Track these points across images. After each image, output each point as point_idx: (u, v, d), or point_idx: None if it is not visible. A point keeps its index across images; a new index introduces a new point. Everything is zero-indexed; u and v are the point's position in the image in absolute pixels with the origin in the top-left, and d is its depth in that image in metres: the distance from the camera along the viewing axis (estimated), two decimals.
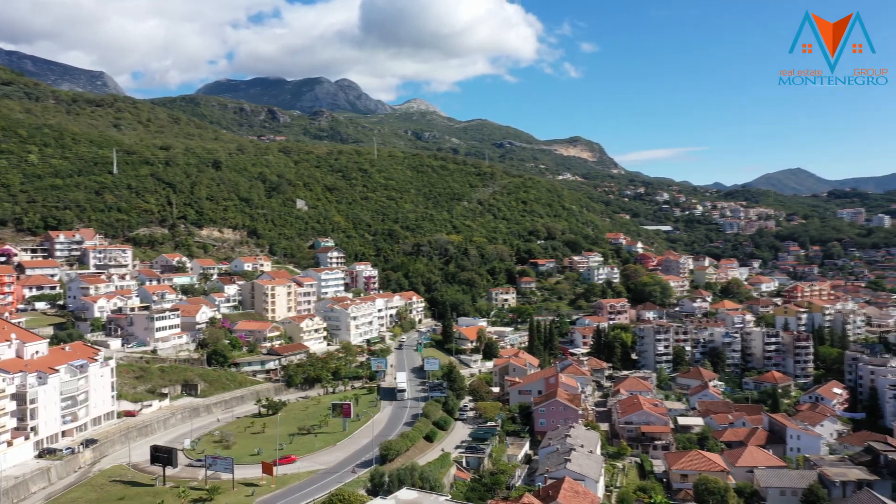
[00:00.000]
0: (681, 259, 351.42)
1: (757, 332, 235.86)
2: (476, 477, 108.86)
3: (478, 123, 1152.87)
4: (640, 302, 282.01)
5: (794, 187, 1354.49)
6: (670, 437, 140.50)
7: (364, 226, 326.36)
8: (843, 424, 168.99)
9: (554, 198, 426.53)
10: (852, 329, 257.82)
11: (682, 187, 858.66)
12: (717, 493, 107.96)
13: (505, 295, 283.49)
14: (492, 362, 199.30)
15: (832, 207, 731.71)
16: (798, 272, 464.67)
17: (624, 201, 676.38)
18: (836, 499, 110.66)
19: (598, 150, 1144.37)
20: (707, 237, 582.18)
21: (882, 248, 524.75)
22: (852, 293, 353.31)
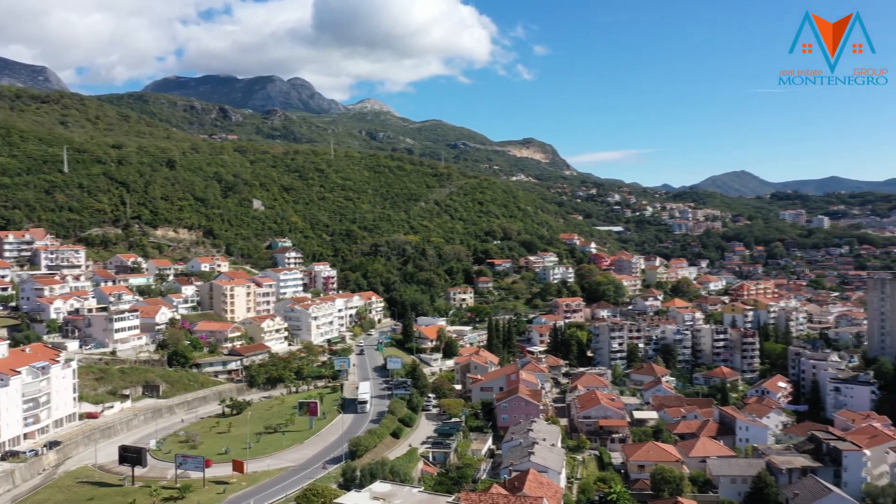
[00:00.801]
0: (633, 259, 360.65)
1: (706, 330, 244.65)
2: (443, 471, 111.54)
3: (432, 124, 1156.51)
4: (595, 301, 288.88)
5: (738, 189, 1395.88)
6: (627, 431, 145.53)
7: (321, 226, 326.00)
8: (787, 416, 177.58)
9: (509, 199, 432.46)
10: (795, 326, 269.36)
11: (633, 189, 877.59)
12: (672, 482, 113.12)
13: (463, 294, 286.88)
14: (451, 361, 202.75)
15: (775, 209, 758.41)
16: (743, 271, 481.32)
17: (577, 202, 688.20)
18: (782, 485, 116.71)
19: (550, 151, 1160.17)
20: (657, 238, 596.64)
21: (822, 248, 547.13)
22: (795, 291, 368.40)
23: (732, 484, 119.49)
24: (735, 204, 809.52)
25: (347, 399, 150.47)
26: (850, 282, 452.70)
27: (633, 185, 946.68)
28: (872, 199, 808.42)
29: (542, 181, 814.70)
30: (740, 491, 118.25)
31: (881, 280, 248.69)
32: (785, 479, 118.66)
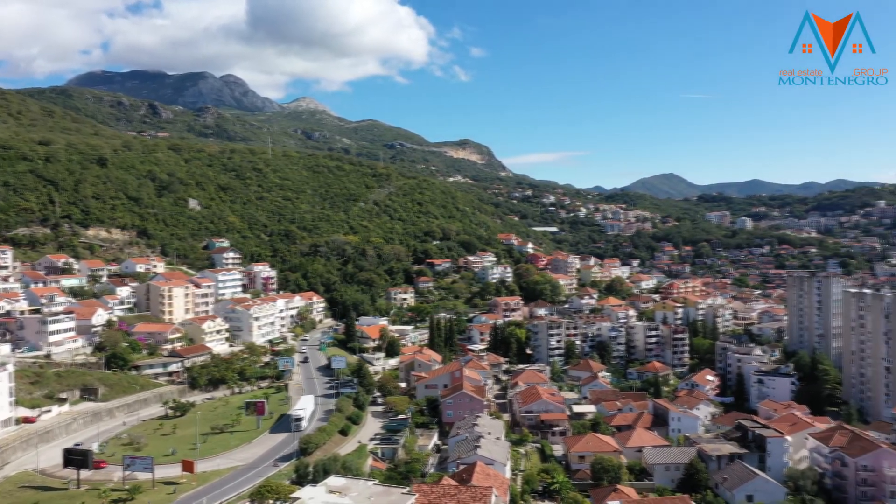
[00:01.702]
0: (568, 259, 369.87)
1: (639, 326, 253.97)
2: (391, 466, 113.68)
3: (369, 124, 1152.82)
4: (533, 299, 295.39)
5: (667, 191, 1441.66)
6: (567, 424, 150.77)
7: (260, 226, 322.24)
8: (715, 407, 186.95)
9: (448, 199, 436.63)
10: (721, 322, 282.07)
11: (567, 190, 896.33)
12: (611, 470, 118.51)
13: (403, 294, 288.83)
14: (394, 360, 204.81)
15: (701, 210, 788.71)
16: (672, 270, 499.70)
17: (513, 203, 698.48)
18: (712, 471, 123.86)
19: (486, 152, 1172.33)
20: (590, 238, 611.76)
21: (745, 248, 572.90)
22: (720, 289, 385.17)
23: (667, 471, 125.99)
24: (664, 205, 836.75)
25: (287, 415, 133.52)
26: (771, 280, 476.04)
27: (566, 186, 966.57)
28: (791, 201, 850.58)
29: (478, 182, 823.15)
30: (674, 477, 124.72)
31: (800, 278, 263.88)
32: (714, 466, 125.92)
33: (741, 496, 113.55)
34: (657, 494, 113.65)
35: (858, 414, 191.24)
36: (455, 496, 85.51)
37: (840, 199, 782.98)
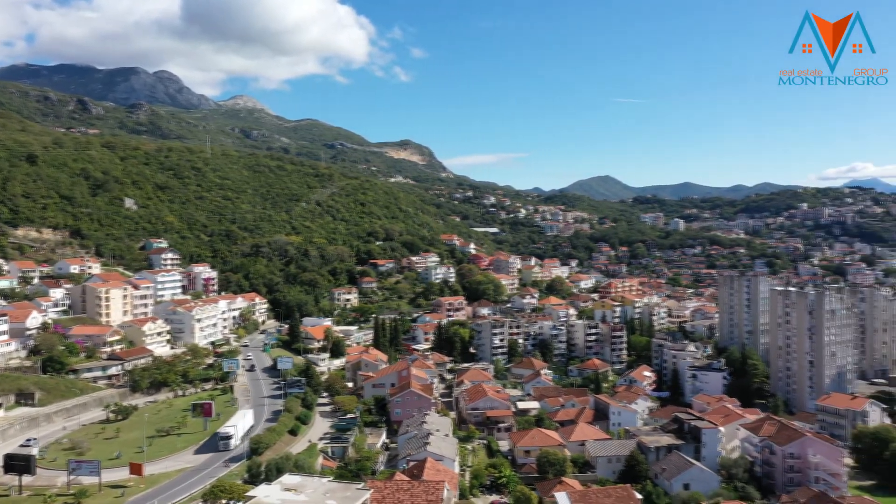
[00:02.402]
0: (510, 259, 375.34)
1: (579, 325, 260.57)
2: (342, 464, 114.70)
3: (308, 123, 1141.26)
4: (476, 299, 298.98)
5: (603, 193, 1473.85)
6: (512, 420, 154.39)
7: (199, 226, 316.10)
8: (652, 402, 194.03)
9: (391, 200, 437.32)
10: (657, 320, 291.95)
11: (507, 191, 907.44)
12: (556, 464, 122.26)
13: (347, 295, 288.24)
14: (339, 360, 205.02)
15: (637, 212, 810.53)
16: (610, 270, 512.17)
17: (454, 204, 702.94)
18: (651, 462, 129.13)
19: (427, 153, 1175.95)
20: (530, 239, 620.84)
21: (678, 248, 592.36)
22: (656, 289, 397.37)
23: (608, 463, 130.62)
24: (601, 207, 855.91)
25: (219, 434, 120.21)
26: (703, 279, 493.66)
27: (506, 187, 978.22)
28: (720, 203, 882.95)
29: (419, 183, 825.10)
30: (615, 469, 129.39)
31: (730, 277, 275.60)
32: (653, 457, 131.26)
33: (678, 485, 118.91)
34: (600, 485, 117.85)
35: (785, 405, 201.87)
36: (408, 491, 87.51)
37: (766, 202, 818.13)
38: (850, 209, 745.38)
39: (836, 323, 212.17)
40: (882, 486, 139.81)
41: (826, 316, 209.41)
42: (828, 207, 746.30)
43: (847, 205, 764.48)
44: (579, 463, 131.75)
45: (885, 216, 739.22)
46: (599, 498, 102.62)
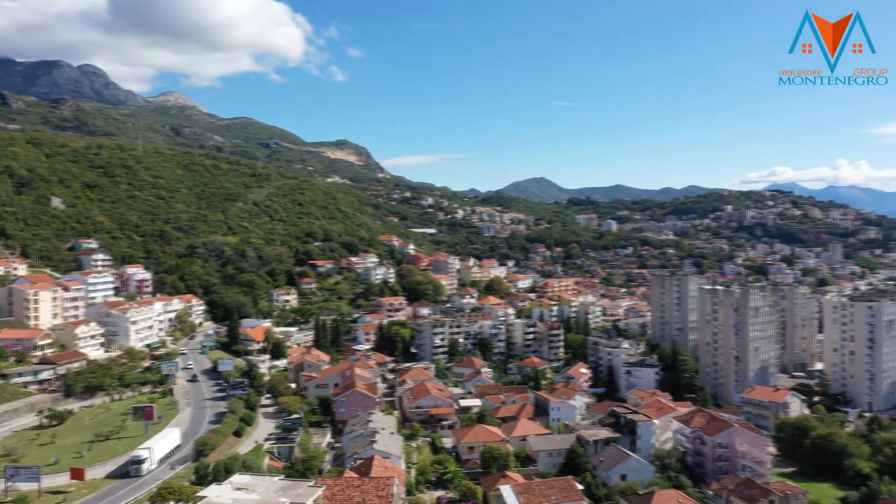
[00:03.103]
0: (449, 259, 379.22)
1: (518, 324, 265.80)
2: (288, 464, 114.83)
3: (242, 122, 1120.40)
4: (416, 299, 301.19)
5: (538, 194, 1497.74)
6: (455, 418, 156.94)
7: (131, 226, 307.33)
8: (589, 398, 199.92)
9: (329, 200, 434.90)
10: (592, 318, 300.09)
11: (444, 192, 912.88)
12: (499, 459, 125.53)
13: (286, 296, 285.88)
14: (279, 362, 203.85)
15: (571, 213, 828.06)
16: (545, 270, 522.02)
17: (392, 205, 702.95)
18: (590, 454, 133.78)
19: (364, 153, 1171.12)
20: (468, 239, 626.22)
21: (611, 248, 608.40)
22: (590, 288, 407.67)
23: (549, 457, 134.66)
24: (536, 208, 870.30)
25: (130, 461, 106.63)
26: (635, 279, 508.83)
27: (443, 188, 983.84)
28: (651, 205, 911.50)
29: (356, 183, 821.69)
30: (556, 462, 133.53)
31: (661, 277, 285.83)
32: (592, 450, 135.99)
33: (616, 476, 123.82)
34: (542, 479, 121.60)
35: (713, 399, 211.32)
36: (359, 487, 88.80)
37: (694, 204, 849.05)
38: (772, 211, 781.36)
39: (759, 320, 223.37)
40: (802, 472, 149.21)
41: (750, 313, 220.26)
42: (751, 210, 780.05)
43: (768, 207, 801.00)
44: (521, 457, 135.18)
45: (803, 218, 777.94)
46: (543, 489, 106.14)
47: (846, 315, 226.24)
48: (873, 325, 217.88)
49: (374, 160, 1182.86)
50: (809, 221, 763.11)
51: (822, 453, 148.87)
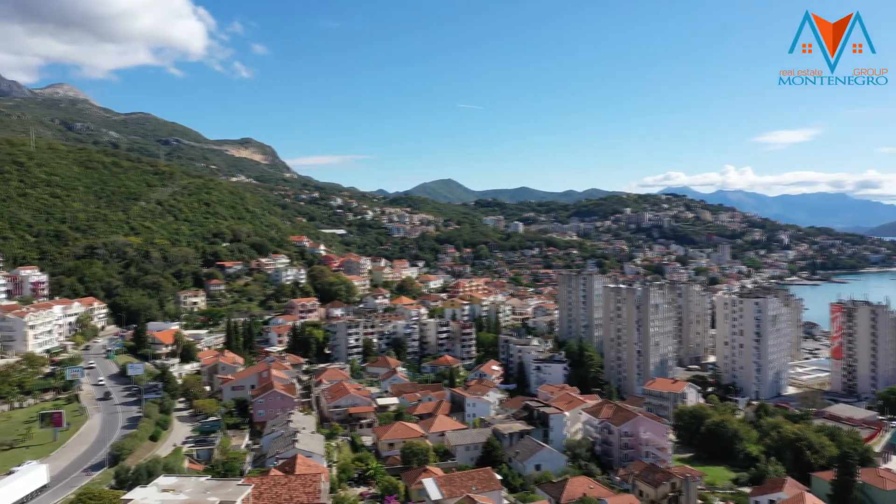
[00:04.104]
0: (361, 260, 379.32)
1: (431, 323, 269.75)
2: (209, 467, 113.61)
3: (140, 117, 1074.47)
4: (328, 300, 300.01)
5: (446, 196, 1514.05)
6: (374, 416, 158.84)
7: (24, 226, 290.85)
8: (501, 394, 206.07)
9: (237, 200, 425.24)
10: (503, 317, 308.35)
11: (352, 193, 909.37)
12: (419, 454, 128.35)
13: (194, 298, 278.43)
14: (190, 365, 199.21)
15: (479, 215, 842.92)
16: (455, 271, 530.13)
17: (300, 205, 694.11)
18: (506, 447, 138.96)
19: (270, 153, 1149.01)
20: (378, 240, 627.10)
21: (518, 249, 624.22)
22: (499, 288, 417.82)
23: (467, 451, 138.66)
24: (445, 209, 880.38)
25: None
26: (541, 279, 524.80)
27: (351, 189, 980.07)
28: (555, 207, 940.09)
29: (263, 183, 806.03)
30: (473, 456, 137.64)
31: (568, 276, 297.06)
32: (507, 442, 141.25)
33: (531, 466, 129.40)
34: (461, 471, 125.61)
35: (617, 391, 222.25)
36: (286, 485, 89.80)
37: (595, 207, 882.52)
38: (667, 214, 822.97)
39: (659, 316, 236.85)
40: (699, 456, 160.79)
41: (651, 310, 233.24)
42: (648, 212, 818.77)
43: (664, 210, 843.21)
44: (440, 452, 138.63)
45: (696, 221, 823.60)
46: (464, 481, 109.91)
47: (736, 311, 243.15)
48: (760, 319, 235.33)
49: (280, 159, 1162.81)
50: (701, 224, 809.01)
51: (716, 439, 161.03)
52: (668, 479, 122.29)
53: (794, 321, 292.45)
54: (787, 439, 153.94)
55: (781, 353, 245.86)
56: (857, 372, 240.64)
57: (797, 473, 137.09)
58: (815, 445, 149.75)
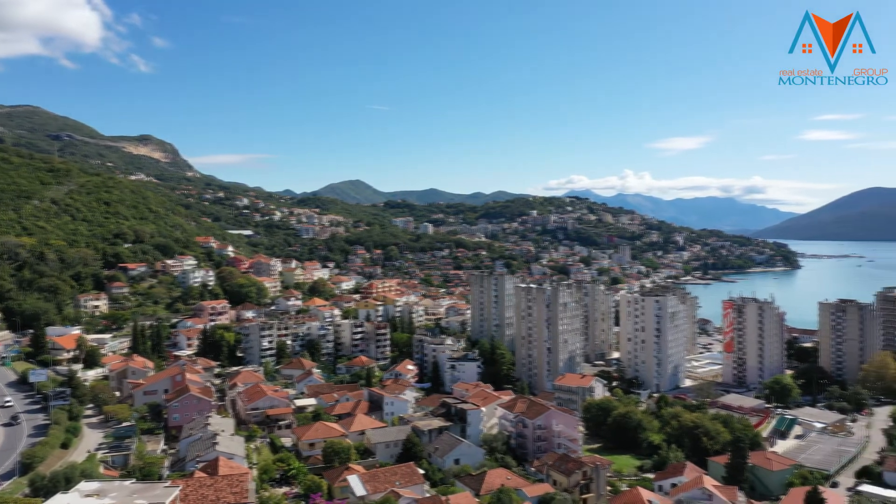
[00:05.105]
0: (271, 262, 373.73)
1: (346, 324, 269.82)
2: (125, 472, 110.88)
3: (27, 110, 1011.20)
4: (239, 302, 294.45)
5: (354, 197, 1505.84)
6: (292, 417, 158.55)
7: None
8: (417, 392, 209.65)
9: (139, 199, 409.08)
10: (416, 317, 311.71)
11: (258, 193, 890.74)
12: (341, 452, 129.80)
13: (95, 301, 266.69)
14: (95, 370, 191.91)
15: (388, 216, 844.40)
16: (366, 272, 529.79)
17: (204, 205, 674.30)
18: (425, 443, 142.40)
19: (171, 150, 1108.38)
20: (286, 241, 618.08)
21: (428, 250, 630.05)
22: (411, 289, 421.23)
23: (387, 448, 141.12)
24: (354, 210, 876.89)
25: None
26: (451, 279, 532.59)
27: (257, 189, 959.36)
28: (464, 209, 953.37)
29: (164, 182, 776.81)
30: (393, 453, 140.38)
31: (480, 277, 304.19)
32: (427, 438, 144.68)
33: (450, 461, 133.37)
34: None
35: (528, 387, 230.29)
36: (212, 486, 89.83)
37: (502, 209, 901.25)
38: (571, 216, 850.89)
39: (567, 314, 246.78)
40: (606, 446, 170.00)
41: (560, 308, 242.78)
42: (553, 215, 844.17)
43: (568, 212, 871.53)
44: (361, 450, 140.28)
45: (598, 223, 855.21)
46: (387, 476, 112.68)
47: (638, 309, 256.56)
48: (660, 316, 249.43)
49: (182, 157, 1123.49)
50: (603, 226, 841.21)
51: (622, 429, 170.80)
52: (579, 468, 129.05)
53: (690, 318, 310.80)
54: (685, 427, 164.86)
55: (679, 348, 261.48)
56: (746, 364, 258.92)
57: (695, 458, 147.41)
58: (710, 432, 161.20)
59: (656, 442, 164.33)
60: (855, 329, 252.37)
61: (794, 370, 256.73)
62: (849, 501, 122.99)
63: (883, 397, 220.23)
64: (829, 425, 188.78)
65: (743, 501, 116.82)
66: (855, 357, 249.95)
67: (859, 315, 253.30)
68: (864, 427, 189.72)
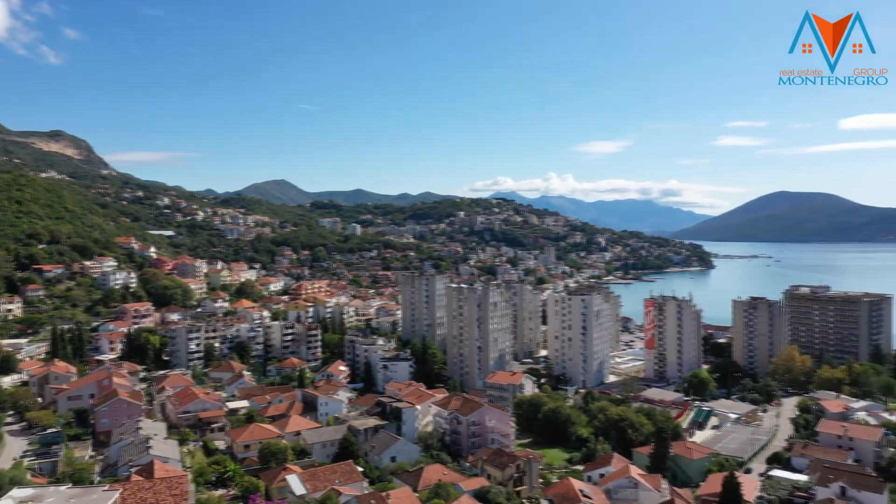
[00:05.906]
0: (196, 263, 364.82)
1: (276, 326, 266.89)
2: (55, 479, 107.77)
3: None
4: (164, 305, 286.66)
5: (279, 197, 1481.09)
6: (225, 420, 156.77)
7: None
8: (351, 393, 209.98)
9: (54, 198, 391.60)
10: (347, 318, 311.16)
11: (179, 192, 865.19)
12: (277, 453, 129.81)
13: (8, 305, 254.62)
14: (11, 377, 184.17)
15: (315, 217, 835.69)
16: (294, 273, 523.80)
17: (123, 205, 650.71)
18: (362, 442, 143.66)
19: (85, 147, 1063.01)
20: (210, 242, 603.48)
21: (356, 251, 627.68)
22: (341, 290, 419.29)
23: (324, 448, 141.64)
24: (280, 211, 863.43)
25: None
26: (380, 280, 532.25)
27: (178, 188, 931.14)
28: (391, 210, 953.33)
29: (78, 180, 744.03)
30: (329, 453, 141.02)
31: (411, 277, 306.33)
32: (363, 437, 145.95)
33: (387, 458, 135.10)
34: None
35: (460, 385, 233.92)
36: (150, 489, 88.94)
37: (430, 210, 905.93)
38: (497, 218, 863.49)
39: (497, 314, 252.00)
40: (537, 441, 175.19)
41: (490, 308, 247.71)
42: (480, 216, 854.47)
43: (495, 214, 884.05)
44: (297, 451, 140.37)
45: (524, 224, 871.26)
46: (327, 475, 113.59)
47: (565, 307, 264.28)
48: (586, 315, 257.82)
49: (96, 155, 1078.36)
50: (528, 227, 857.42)
51: (552, 424, 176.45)
52: (512, 462, 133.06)
53: (614, 316, 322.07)
54: (612, 421, 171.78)
55: (604, 345, 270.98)
56: (666, 360, 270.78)
57: (621, 449, 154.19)
58: (635, 424, 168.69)
59: (584, 435, 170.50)
60: (765, 325, 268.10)
61: (710, 364, 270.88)
62: (761, 485, 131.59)
63: (790, 388, 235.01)
64: (742, 416, 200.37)
65: (666, 488, 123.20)
66: (765, 351, 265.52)
67: (769, 312, 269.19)
68: (774, 417, 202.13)
